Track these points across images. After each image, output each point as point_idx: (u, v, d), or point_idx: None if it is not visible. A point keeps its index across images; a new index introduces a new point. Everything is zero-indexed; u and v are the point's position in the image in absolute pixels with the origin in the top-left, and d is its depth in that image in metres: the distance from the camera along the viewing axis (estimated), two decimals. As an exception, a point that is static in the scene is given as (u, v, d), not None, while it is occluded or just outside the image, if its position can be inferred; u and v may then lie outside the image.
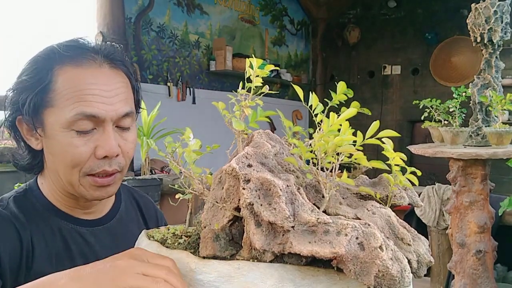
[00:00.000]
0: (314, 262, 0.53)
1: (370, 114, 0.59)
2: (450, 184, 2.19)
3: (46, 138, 0.83)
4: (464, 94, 2.25)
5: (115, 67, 0.86)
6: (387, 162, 0.57)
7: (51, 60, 0.82)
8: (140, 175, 3.24)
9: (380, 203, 0.60)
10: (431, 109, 2.32)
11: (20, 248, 0.82)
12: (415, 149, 2.15)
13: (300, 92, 0.59)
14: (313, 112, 0.57)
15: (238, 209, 0.54)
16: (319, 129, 0.55)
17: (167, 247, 0.60)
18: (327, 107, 0.56)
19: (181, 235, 0.64)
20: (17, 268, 0.81)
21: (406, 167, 0.60)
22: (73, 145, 0.80)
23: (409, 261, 0.52)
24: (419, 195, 2.27)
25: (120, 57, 0.88)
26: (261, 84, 0.61)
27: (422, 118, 2.39)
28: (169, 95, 4.70)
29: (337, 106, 0.57)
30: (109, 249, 0.92)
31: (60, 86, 0.81)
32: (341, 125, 0.54)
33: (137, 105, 0.93)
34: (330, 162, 0.54)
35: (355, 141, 0.53)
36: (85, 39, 0.88)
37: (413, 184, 0.62)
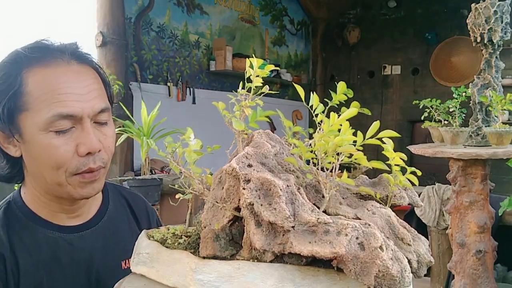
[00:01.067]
0: (314, 262, 0.53)
1: (370, 114, 0.59)
2: (450, 184, 2.19)
3: (25, 143, 0.82)
4: (464, 94, 2.25)
5: (83, 64, 0.85)
6: (387, 162, 0.57)
7: (18, 64, 0.81)
8: (140, 175, 3.24)
9: (380, 203, 0.60)
10: (431, 109, 2.32)
11: (5, 273, 0.81)
12: (415, 149, 2.15)
13: (301, 91, 0.59)
14: (313, 112, 0.57)
15: (238, 209, 0.54)
16: (319, 129, 0.55)
17: (167, 247, 0.60)
18: (327, 107, 0.56)
19: (181, 235, 0.64)
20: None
21: (406, 167, 0.60)
22: (54, 146, 0.79)
23: (409, 261, 0.52)
24: (419, 195, 2.27)
25: (86, 53, 0.88)
26: (261, 84, 0.61)
27: (422, 118, 2.39)
28: (169, 95, 4.71)
29: (337, 106, 0.57)
30: (100, 251, 0.92)
31: (32, 88, 0.79)
32: (341, 125, 0.54)
33: (111, 99, 0.91)
34: (330, 162, 0.54)
35: (355, 141, 0.53)
36: (48, 40, 0.86)
37: (413, 184, 0.62)
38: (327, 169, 0.55)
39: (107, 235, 0.95)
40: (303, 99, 0.59)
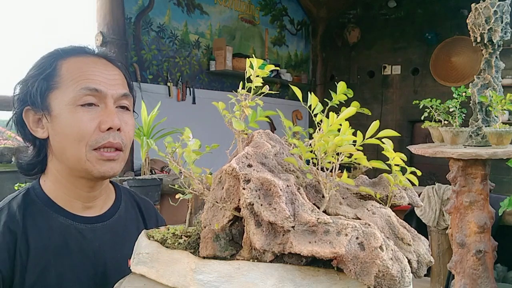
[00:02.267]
0: (314, 262, 0.53)
1: (370, 114, 0.59)
2: (450, 184, 2.19)
3: (53, 120, 0.89)
4: (464, 94, 2.25)
5: (111, 62, 0.96)
6: (387, 162, 0.57)
7: (55, 55, 0.92)
8: (140, 175, 3.24)
9: (380, 203, 0.60)
10: (431, 109, 2.31)
11: (14, 250, 0.85)
12: (415, 149, 2.15)
13: (298, 92, 0.59)
14: (312, 112, 0.57)
15: (238, 209, 0.54)
16: (319, 129, 0.55)
17: (167, 247, 0.60)
18: (327, 107, 0.56)
19: (181, 235, 0.64)
20: (11, 273, 0.84)
21: (406, 167, 0.60)
22: (79, 120, 0.87)
23: (409, 261, 0.52)
24: (419, 195, 2.27)
25: (116, 58, 1.00)
26: (261, 84, 0.61)
27: (422, 118, 2.39)
28: (169, 95, 4.71)
29: (337, 106, 0.57)
30: (108, 246, 0.95)
31: (64, 71, 0.90)
32: (341, 125, 0.54)
33: (133, 102, 0.99)
34: (330, 162, 0.54)
35: (355, 141, 0.53)
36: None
37: (413, 184, 0.62)
38: (327, 169, 0.55)
39: (116, 232, 0.99)
40: (300, 99, 0.59)
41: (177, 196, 0.65)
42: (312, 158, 0.56)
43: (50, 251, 0.88)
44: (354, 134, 0.54)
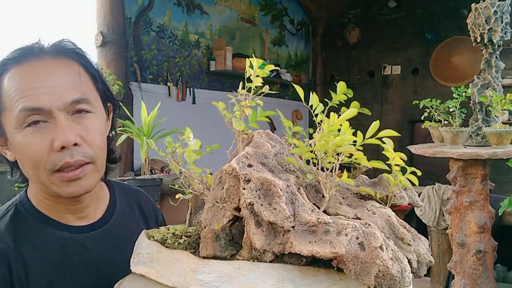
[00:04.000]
0: (314, 262, 0.53)
1: (370, 114, 0.59)
2: (450, 184, 2.19)
3: (10, 144, 0.82)
4: (464, 94, 2.25)
5: (58, 57, 0.83)
6: (387, 162, 0.57)
7: (0, 70, 0.81)
8: (140, 175, 3.24)
9: (380, 203, 0.60)
10: (431, 109, 2.31)
11: (10, 275, 0.80)
12: (415, 149, 2.15)
13: (300, 91, 0.59)
14: (313, 112, 0.57)
15: (238, 209, 0.54)
16: (319, 129, 0.55)
17: (167, 247, 0.60)
18: (327, 107, 0.56)
19: (181, 235, 0.64)
20: None
21: (406, 167, 0.60)
22: (28, 143, 0.78)
23: (409, 261, 0.52)
24: (419, 195, 2.27)
25: (71, 47, 0.86)
26: (261, 84, 0.61)
27: (422, 118, 2.39)
28: (169, 95, 4.70)
29: (337, 106, 0.57)
30: (111, 251, 0.91)
31: (6, 88, 0.80)
32: (341, 125, 0.54)
33: (103, 94, 0.89)
34: (330, 162, 0.54)
35: (355, 141, 0.53)
36: (38, 41, 0.86)
37: (413, 184, 0.62)
38: (327, 169, 0.55)
39: (116, 234, 0.94)
40: (302, 99, 0.59)
41: (177, 196, 0.65)
42: (312, 158, 0.56)
43: (51, 268, 0.83)
44: (354, 134, 0.54)
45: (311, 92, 0.59)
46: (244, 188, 0.51)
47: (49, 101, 0.78)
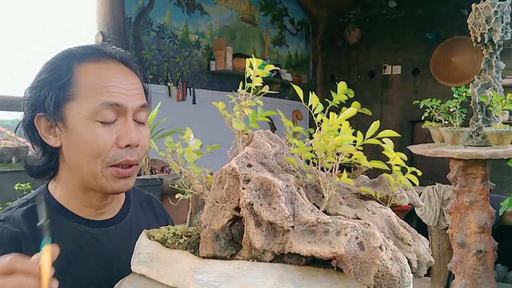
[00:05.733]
0: (314, 262, 0.53)
1: (370, 114, 0.59)
2: (451, 184, 2.19)
3: (67, 132, 0.85)
4: (464, 94, 2.25)
5: (129, 68, 0.92)
6: (387, 162, 0.57)
7: (70, 59, 0.87)
8: (140, 175, 3.24)
9: (380, 203, 0.60)
10: (431, 109, 2.31)
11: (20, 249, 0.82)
12: (415, 149, 2.15)
13: (300, 92, 0.59)
14: (313, 112, 0.57)
15: (238, 209, 0.54)
16: (319, 129, 0.55)
17: (167, 247, 0.60)
18: (327, 107, 0.56)
19: (181, 235, 0.64)
20: None
21: (407, 167, 0.60)
22: (97, 135, 0.83)
23: (409, 261, 0.52)
24: (419, 195, 2.27)
25: (133, 61, 0.96)
26: (261, 84, 0.61)
27: (423, 118, 2.39)
28: (169, 95, 4.70)
29: (337, 106, 0.57)
30: (123, 248, 0.92)
31: (81, 80, 0.85)
32: (341, 125, 0.54)
33: (149, 103, 0.96)
34: (330, 162, 0.54)
35: (355, 141, 0.53)
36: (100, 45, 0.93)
37: (413, 184, 0.62)
38: (327, 169, 0.55)
39: (129, 233, 0.96)
40: (302, 99, 0.59)
41: (177, 196, 0.65)
42: (312, 158, 0.56)
43: (64, 258, 0.84)
44: (354, 134, 0.54)
45: (310, 92, 0.59)
46: (243, 188, 0.51)
47: (126, 100, 0.86)
